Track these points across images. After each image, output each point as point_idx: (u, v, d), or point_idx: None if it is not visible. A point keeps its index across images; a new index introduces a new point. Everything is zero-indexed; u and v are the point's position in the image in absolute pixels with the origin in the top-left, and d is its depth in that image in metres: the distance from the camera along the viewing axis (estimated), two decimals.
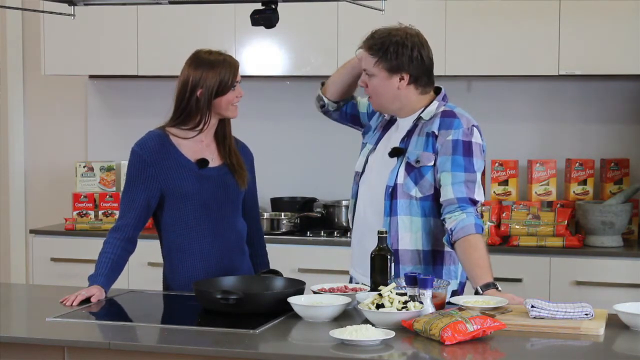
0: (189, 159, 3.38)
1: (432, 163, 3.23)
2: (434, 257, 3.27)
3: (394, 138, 3.34)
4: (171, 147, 3.38)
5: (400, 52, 3.23)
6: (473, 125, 3.26)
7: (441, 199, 3.22)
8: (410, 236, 3.25)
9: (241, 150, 3.52)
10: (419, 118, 3.29)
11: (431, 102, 3.31)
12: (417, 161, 3.24)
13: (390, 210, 3.26)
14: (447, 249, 3.25)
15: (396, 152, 3.28)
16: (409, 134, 3.29)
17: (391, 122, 3.40)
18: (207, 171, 3.39)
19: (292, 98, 5.39)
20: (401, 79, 3.25)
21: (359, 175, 3.41)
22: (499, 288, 3.04)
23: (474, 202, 3.20)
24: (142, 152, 3.36)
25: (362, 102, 3.55)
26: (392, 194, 3.25)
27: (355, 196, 3.42)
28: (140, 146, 3.38)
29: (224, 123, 3.44)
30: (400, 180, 3.25)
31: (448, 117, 3.26)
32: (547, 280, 4.53)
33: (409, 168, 3.25)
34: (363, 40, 3.30)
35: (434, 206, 3.24)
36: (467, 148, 3.22)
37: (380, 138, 3.40)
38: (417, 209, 3.25)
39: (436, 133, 3.24)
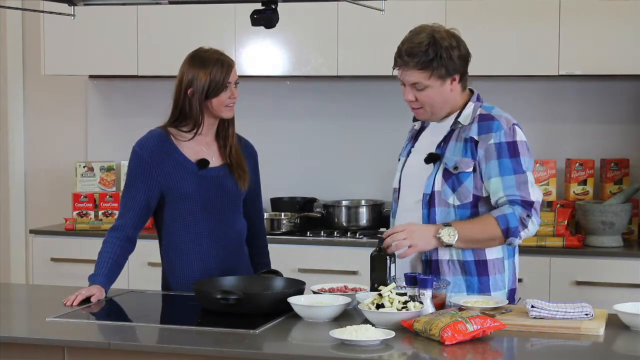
0: (189, 159, 3.37)
1: (470, 169, 3.12)
2: (477, 267, 3.15)
3: (428, 144, 3.23)
4: (172, 146, 3.37)
5: (451, 55, 3.11)
6: (514, 124, 3.16)
7: (493, 203, 3.13)
8: None
9: (245, 149, 3.51)
10: (456, 122, 3.18)
11: (466, 102, 3.21)
12: (455, 167, 3.13)
13: (429, 219, 3.15)
14: (490, 257, 3.14)
15: (432, 158, 3.17)
16: (446, 139, 3.18)
17: (421, 130, 3.32)
18: (207, 172, 3.37)
19: (292, 98, 5.39)
20: (453, 80, 3.16)
21: (396, 192, 3.31)
22: (442, 230, 3.04)
23: (529, 204, 3.09)
24: (143, 152, 3.35)
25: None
26: (429, 202, 3.16)
27: (394, 214, 3.31)
28: (140, 146, 3.37)
29: (226, 122, 3.42)
30: (437, 187, 3.15)
31: (486, 121, 3.15)
32: (547, 280, 4.52)
33: (447, 175, 3.14)
34: (402, 58, 3.13)
35: (472, 214, 3.14)
36: (512, 149, 3.12)
37: (411, 149, 3.31)
38: (454, 217, 3.13)
39: (476, 138, 3.13)
